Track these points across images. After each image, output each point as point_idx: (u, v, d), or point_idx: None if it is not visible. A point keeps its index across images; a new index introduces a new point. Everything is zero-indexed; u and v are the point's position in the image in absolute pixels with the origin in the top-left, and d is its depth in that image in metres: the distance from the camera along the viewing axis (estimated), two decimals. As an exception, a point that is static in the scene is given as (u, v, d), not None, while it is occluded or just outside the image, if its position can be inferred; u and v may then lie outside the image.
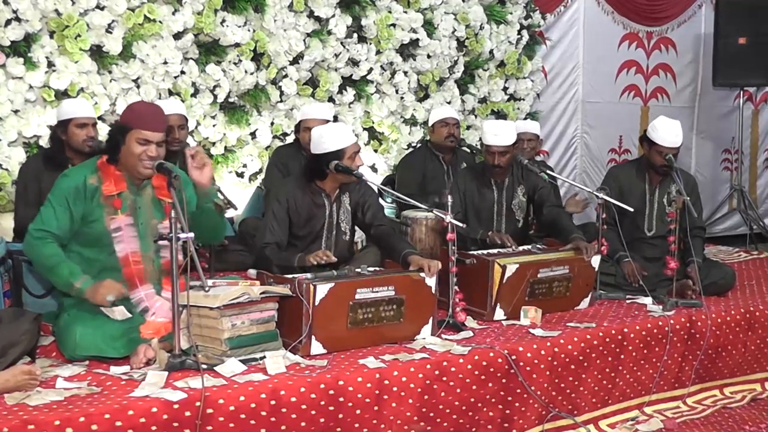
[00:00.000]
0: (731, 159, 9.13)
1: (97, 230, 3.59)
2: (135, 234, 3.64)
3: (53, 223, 3.55)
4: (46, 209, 3.58)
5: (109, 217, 3.60)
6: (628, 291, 4.90)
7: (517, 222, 5.10)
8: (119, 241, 3.61)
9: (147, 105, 3.84)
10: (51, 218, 3.55)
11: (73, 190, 3.57)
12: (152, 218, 3.68)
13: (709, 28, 8.44)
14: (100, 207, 3.59)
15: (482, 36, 7.01)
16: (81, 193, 3.57)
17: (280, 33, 6.02)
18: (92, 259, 3.61)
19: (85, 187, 3.58)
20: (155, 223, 3.68)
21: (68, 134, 4.59)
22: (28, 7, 5.07)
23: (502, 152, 4.92)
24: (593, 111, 8.14)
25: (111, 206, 3.60)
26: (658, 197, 5.15)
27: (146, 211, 3.68)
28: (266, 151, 6.16)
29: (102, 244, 3.61)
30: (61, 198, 3.57)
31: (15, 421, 2.82)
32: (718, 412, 4.44)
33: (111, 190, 3.60)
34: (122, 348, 3.45)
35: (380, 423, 3.50)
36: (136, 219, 3.65)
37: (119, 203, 3.61)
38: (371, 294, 3.78)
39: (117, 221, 3.61)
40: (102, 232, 3.60)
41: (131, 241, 3.63)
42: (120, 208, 3.61)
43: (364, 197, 4.54)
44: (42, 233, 3.54)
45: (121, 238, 3.61)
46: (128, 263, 3.62)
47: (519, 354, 3.88)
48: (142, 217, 3.66)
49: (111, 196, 3.60)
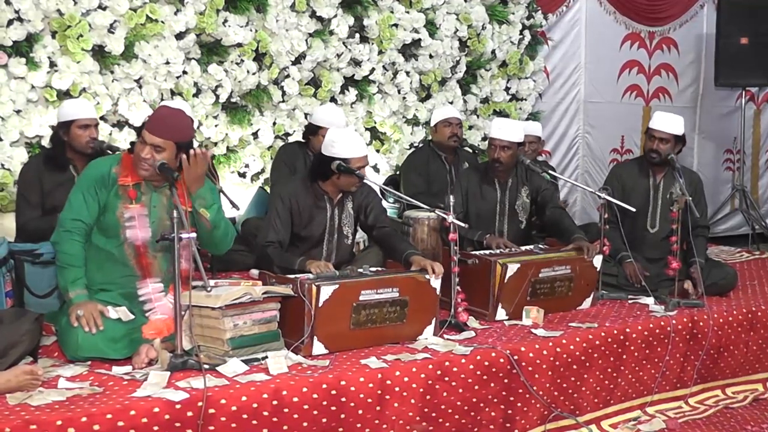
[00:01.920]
0: (733, 159, 9.12)
1: (109, 220, 3.62)
2: (148, 225, 3.65)
3: (84, 211, 3.60)
4: (76, 197, 3.62)
5: (123, 205, 3.62)
6: (629, 291, 4.90)
7: (520, 223, 5.10)
8: (132, 227, 3.62)
9: (162, 109, 3.80)
10: (81, 206, 3.60)
11: (99, 178, 3.63)
12: (165, 220, 3.67)
13: (710, 28, 8.43)
14: (117, 197, 3.63)
15: (484, 36, 7.01)
16: (105, 182, 3.63)
17: (282, 33, 6.02)
18: (100, 248, 3.64)
19: (109, 176, 3.64)
20: (167, 225, 3.67)
21: (70, 135, 4.58)
22: (30, 7, 5.08)
23: (504, 147, 4.92)
24: (595, 111, 8.13)
25: (126, 196, 3.63)
26: (662, 194, 5.15)
27: (159, 211, 3.69)
28: (268, 151, 6.16)
29: (111, 234, 3.63)
30: (90, 185, 3.62)
31: (17, 421, 2.82)
32: (720, 413, 4.44)
33: (127, 180, 3.64)
34: (124, 349, 3.45)
35: (382, 423, 3.50)
36: (149, 212, 3.67)
37: (134, 194, 3.63)
38: (375, 296, 3.77)
39: (131, 210, 3.63)
40: (114, 222, 3.62)
41: (145, 231, 3.64)
42: (135, 199, 3.63)
43: (366, 200, 4.55)
44: (72, 224, 3.58)
45: (134, 226, 3.62)
46: (141, 252, 3.64)
47: (521, 354, 3.88)
48: (154, 216, 3.67)
49: (126, 186, 3.63)
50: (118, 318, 3.51)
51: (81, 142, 4.57)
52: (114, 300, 3.59)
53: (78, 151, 4.59)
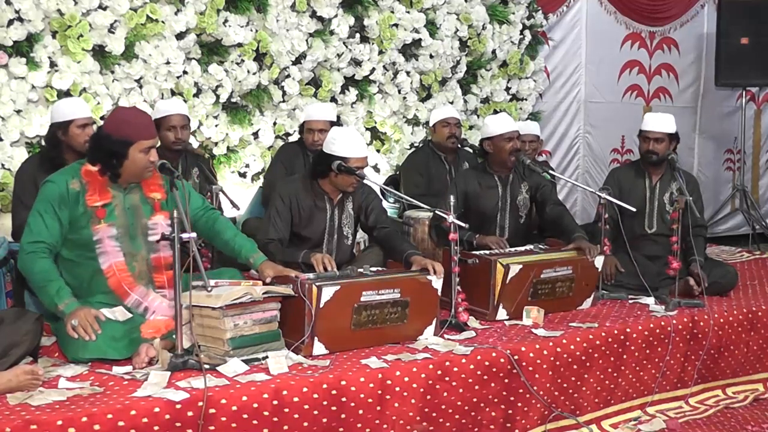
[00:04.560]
0: (733, 159, 9.11)
1: (85, 236, 3.57)
2: (117, 244, 3.59)
3: (44, 232, 3.51)
4: (34, 219, 3.53)
5: (93, 226, 3.57)
6: (630, 291, 4.90)
7: (520, 218, 5.10)
8: (102, 252, 3.58)
9: (137, 113, 3.73)
10: (41, 228, 3.51)
11: (57, 196, 3.53)
12: (142, 217, 3.67)
13: (711, 28, 8.43)
14: (87, 214, 3.56)
15: (485, 36, 7.01)
16: (65, 199, 3.54)
17: (282, 33, 6.02)
18: (81, 263, 3.60)
19: (68, 192, 3.54)
20: (145, 222, 3.67)
21: (69, 135, 4.54)
22: (31, 7, 5.07)
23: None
24: (596, 111, 8.13)
25: (95, 216, 3.57)
26: (658, 195, 5.18)
27: (136, 211, 3.67)
28: (269, 151, 6.16)
29: (90, 248, 3.58)
30: (47, 205, 3.53)
31: (17, 421, 2.82)
32: (720, 413, 4.44)
33: (95, 200, 3.57)
34: (124, 349, 3.44)
35: (383, 423, 3.50)
36: (125, 221, 3.63)
37: (103, 213, 3.58)
38: (376, 296, 3.77)
39: (99, 232, 3.57)
40: (90, 237, 3.57)
41: (114, 252, 3.59)
42: (103, 218, 3.57)
43: (366, 200, 4.55)
44: (34, 246, 3.49)
45: (103, 249, 3.58)
46: (113, 274, 3.59)
47: (521, 354, 3.88)
48: (132, 218, 3.65)
49: (95, 206, 3.57)
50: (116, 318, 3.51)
51: (79, 142, 4.54)
52: (109, 301, 3.58)
53: (76, 151, 4.55)
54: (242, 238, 3.95)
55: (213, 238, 3.97)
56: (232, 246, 3.93)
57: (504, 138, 4.94)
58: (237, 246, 3.92)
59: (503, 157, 4.95)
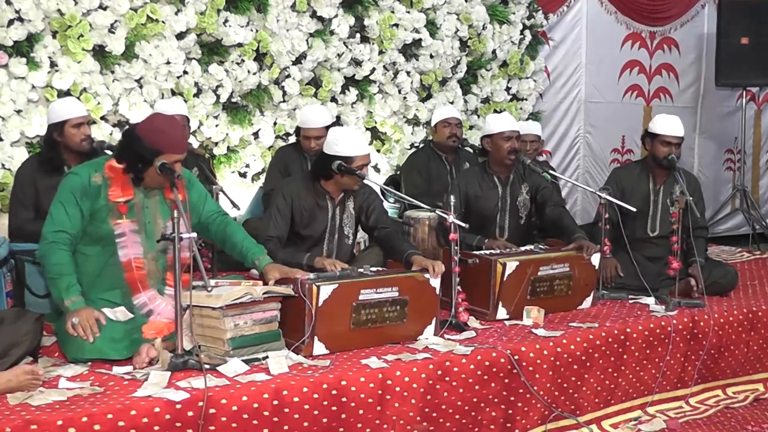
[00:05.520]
0: (734, 159, 9.12)
1: (103, 230, 3.59)
2: (138, 239, 3.62)
3: (66, 222, 3.53)
4: (56, 209, 3.56)
5: (113, 221, 3.59)
6: (630, 291, 4.90)
7: (520, 219, 5.10)
8: (123, 246, 3.60)
9: (173, 126, 3.68)
10: (63, 217, 3.53)
11: (79, 187, 3.56)
12: (160, 218, 3.67)
13: (711, 28, 8.43)
14: (107, 207, 3.58)
15: (485, 36, 7.01)
16: (87, 191, 3.56)
17: (282, 33, 6.02)
18: (94, 257, 3.61)
19: (90, 185, 3.57)
20: (161, 223, 3.68)
21: (65, 135, 4.54)
22: (31, 7, 5.08)
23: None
24: (596, 111, 8.13)
25: (117, 210, 3.59)
26: (662, 198, 5.14)
27: (153, 211, 3.68)
28: (269, 151, 6.16)
29: (105, 243, 3.60)
30: (69, 195, 3.55)
31: (18, 421, 2.82)
32: (720, 412, 4.44)
33: (117, 195, 3.59)
34: (125, 350, 3.44)
35: (383, 423, 3.50)
36: (142, 219, 3.65)
37: (125, 209, 3.60)
38: (375, 295, 3.78)
39: (121, 226, 3.60)
40: (108, 232, 3.59)
41: (135, 247, 3.62)
42: (125, 214, 3.60)
43: (367, 201, 4.56)
44: (56, 235, 3.51)
45: (124, 243, 3.60)
46: (131, 268, 3.61)
47: (521, 354, 3.88)
48: (149, 217, 3.67)
49: (117, 201, 3.59)
50: (117, 319, 3.51)
51: (76, 141, 4.54)
52: (113, 299, 3.59)
53: (74, 151, 4.56)
54: (251, 242, 3.96)
55: (223, 241, 3.98)
56: (240, 249, 3.94)
57: (503, 137, 4.94)
58: (245, 249, 3.93)
59: (501, 155, 4.95)
